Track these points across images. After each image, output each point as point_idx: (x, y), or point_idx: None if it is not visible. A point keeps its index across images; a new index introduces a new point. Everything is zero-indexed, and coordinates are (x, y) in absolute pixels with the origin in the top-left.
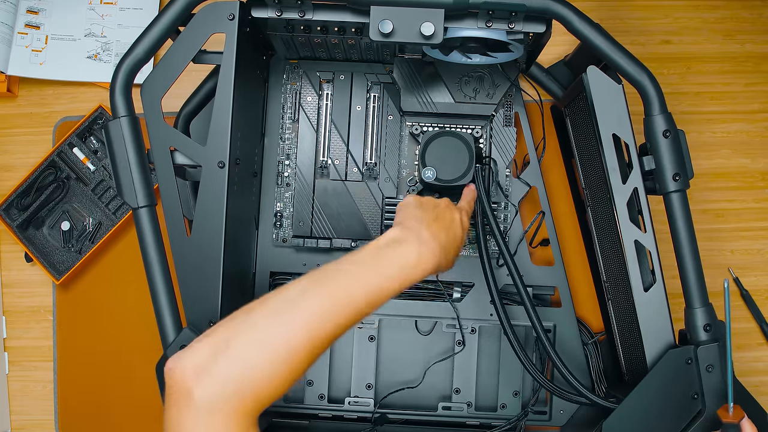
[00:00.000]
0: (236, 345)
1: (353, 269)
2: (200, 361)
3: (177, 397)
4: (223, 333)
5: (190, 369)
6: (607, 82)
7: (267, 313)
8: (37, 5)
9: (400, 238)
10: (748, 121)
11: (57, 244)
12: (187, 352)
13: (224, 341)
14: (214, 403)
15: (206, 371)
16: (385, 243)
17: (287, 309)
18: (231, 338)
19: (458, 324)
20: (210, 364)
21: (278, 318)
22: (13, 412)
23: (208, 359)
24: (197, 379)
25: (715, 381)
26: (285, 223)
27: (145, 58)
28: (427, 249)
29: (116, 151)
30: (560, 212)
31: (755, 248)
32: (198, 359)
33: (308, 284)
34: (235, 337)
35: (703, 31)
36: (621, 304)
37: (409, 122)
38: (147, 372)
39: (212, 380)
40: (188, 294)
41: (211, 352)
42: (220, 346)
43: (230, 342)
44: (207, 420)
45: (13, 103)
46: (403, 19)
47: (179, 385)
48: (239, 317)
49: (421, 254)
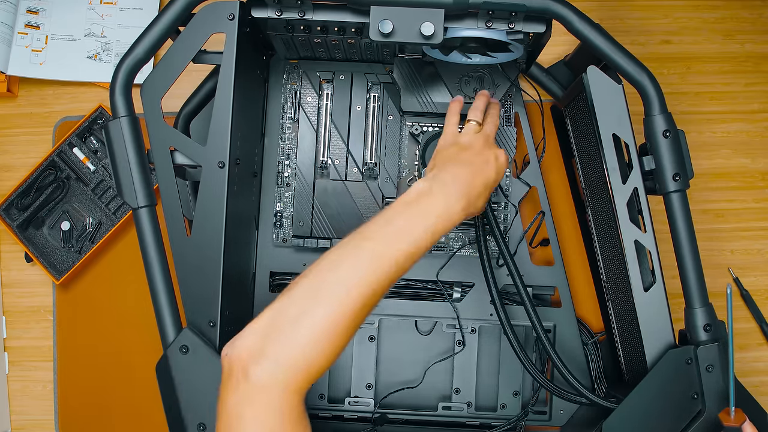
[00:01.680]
0: (284, 325)
1: (384, 231)
2: (253, 344)
3: (235, 380)
4: (270, 315)
5: (245, 352)
6: (607, 82)
7: (307, 289)
8: (37, 5)
9: (427, 190)
10: (748, 121)
11: (57, 244)
12: (240, 337)
13: (272, 323)
14: (270, 380)
15: (260, 352)
16: (413, 198)
17: (325, 283)
18: (278, 319)
19: (458, 324)
20: (262, 346)
21: (318, 293)
22: (13, 412)
23: (260, 341)
24: (252, 360)
25: (715, 381)
26: (285, 223)
27: (145, 58)
28: (455, 199)
29: (116, 151)
30: (560, 212)
31: (755, 248)
32: (250, 342)
33: (342, 253)
34: (281, 317)
35: (703, 31)
36: (621, 304)
37: (409, 122)
38: (147, 372)
39: (266, 360)
40: (188, 294)
41: (261, 334)
42: (269, 328)
43: (277, 323)
44: (263, 397)
45: (13, 103)
46: (403, 19)
47: (236, 369)
48: (282, 298)
49: (449, 206)
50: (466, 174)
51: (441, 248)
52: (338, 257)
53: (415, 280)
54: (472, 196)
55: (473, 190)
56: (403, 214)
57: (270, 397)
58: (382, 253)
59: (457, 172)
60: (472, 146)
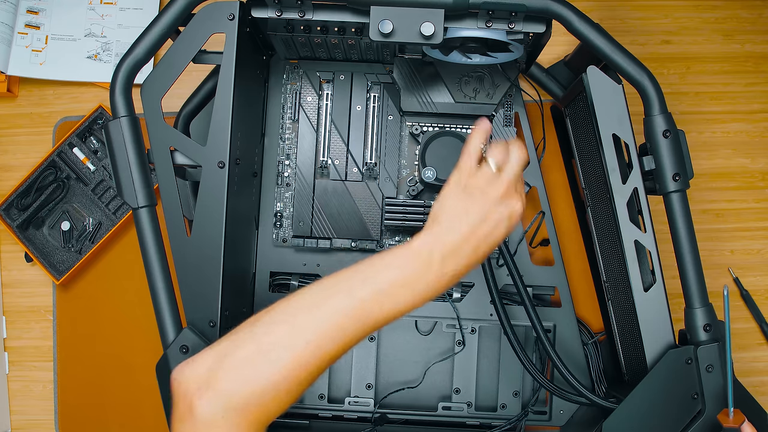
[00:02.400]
0: (238, 359)
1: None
2: (202, 374)
3: (181, 410)
4: (226, 346)
5: (192, 382)
6: (607, 82)
7: (271, 327)
8: (37, 5)
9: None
10: (748, 121)
11: (57, 244)
12: (190, 363)
13: (226, 355)
14: (215, 418)
15: (207, 385)
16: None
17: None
18: (233, 352)
19: (458, 324)
20: (211, 378)
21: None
22: (13, 412)
23: (209, 373)
24: (198, 392)
25: (715, 381)
26: (285, 223)
27: (145, 58)
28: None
29: (116, 151)
30: (560, 212)
31: (755, 248)
32: (200, 372)
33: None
34: (237, 350)
35: (703, 31)
36: (621, 304)
37: (409, 122)
38: (147, 372)
39: (213, 394)
40: (188, 294)
41: (212, 365)
42: (222, 360)
43: (232, 356)
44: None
45: (13, 103)
46: (403, 19)
47: (182, 398)
48: (243, 330)
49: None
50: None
51: None
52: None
53: None
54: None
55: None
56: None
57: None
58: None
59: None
60: (486, 195)
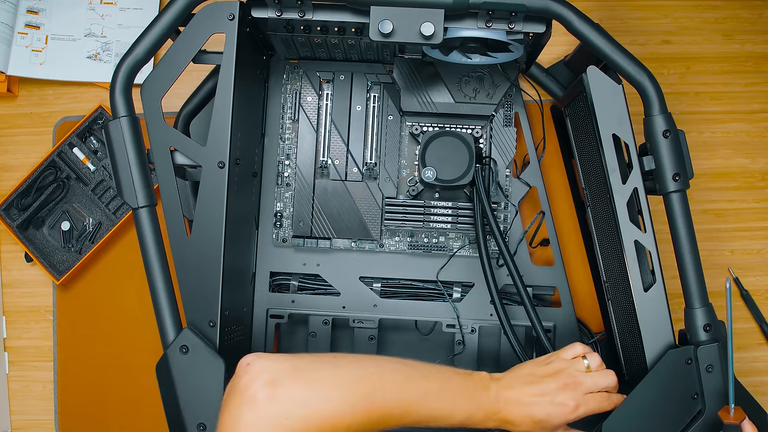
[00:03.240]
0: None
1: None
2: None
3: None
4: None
5: (267, 373)
6: (607, 82)
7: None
8: (37, 5)
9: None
10: (748, 121)
11: (57, 244)
12: (273, 357)
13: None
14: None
15: (281, 384)
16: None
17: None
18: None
19: (458, 324)
20: (288, 380)
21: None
22: (13, 412)
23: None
24: (269, 387)
25: (715, 381)
26: (285, 223)
27: (145, 58)
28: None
29: (116, 151)
30: (560, 212)
31: (755, 248)
32: (278, 369)
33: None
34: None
35: (703, 31)
36: (621, 304)
37: (409, 122)
38: (147, 372)
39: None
40: (188, 294)
41: (292, 369)
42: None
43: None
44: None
45: (13, 103)
46: (403, 19)
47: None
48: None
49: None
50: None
51: (441, 248)
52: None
53: (415, 280)
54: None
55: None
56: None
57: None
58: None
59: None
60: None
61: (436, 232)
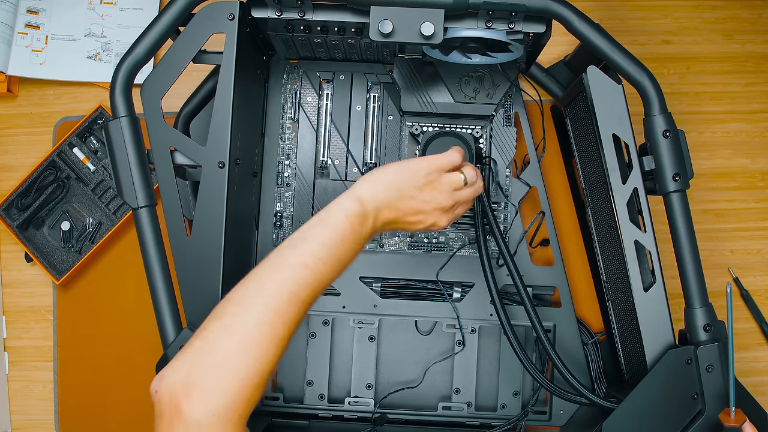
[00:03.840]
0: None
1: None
2: (185, 377)
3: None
4: (198, 346)
5: (178, 386)
6: (607, 82)
7: (234, 315)
8: (37, 5)
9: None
10: (748, 121)
11: (57, 244)
12: (169, 371)
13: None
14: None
15: (194, 385)
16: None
17: (245, 296)
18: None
19: (458, 324)
20: (191, 375)
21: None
22: (13, 412)
23: (192, 373)
24: (186, 395)
25: (715, 381)
26: (285, 223)
27: (145, 58)
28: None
29: (116, 151)
30: (560, 212)
31: (755, 248)
32: (182, 375)
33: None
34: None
35: (703, 31)
36: (621, 304)
37: (409, 122)
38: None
39: (202, 393)
40: (188, 294)
41: (191, 365)
42: (197, 355)
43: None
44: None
45: (13, 103)
46: (403, 19)
47: (167, 405)
48: (209, 325)
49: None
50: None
51: (441, 248)
52: (257, 272)
53: (415, 280)
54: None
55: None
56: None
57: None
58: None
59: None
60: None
61: (436, 232)
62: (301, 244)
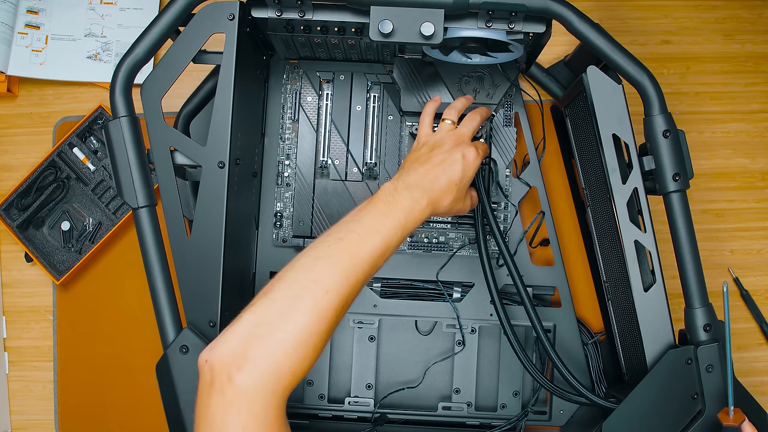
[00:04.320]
0: (265, 328)
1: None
2: (236, 348)
3: (219, 386)
4: (250, 319)
5: (228, 357)
6: (607, 82)
7: (286, 292)
8: (37, 5)
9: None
10: (748, 121)
11: (57, 244)
12: (220, 341)
13: (253, 327)
14: (256, 386)
15: (243, 357)
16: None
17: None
18: (258, 323)
19: (458, 324)
20: (245, 350)
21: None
22: (13, 412)
23: (242, 346)
24: (236, 365)
25: (715, 381)
26: (285, 223)
27: (145, 58)
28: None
29: (116, 151)
30: (560, 212)
31: (755, 248)
32: (234, 346)
33: (318, 254)
34: (261, 320)
35: (703, 31)
36: (621, 304)
37: (409, 122)
38: (147, 372)
39: (251, 365)
40: (188, 294)
41: (243, 338)
42: (251, 332)
43: (259, 327)
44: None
45: (13, 103)
46: (403, 19)
47: (219, 374)
48: (261, 300)
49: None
50: (428, 172)
51: (441, 248)
52: (314, 258)
53: (415, 280)
54: (435, 193)
55: (436, 186)
56: (372, 213)
57: (256, 402)
58: (355, 252)
59: (421, 170)
60: (442, 144)
61: (436, 232)
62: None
